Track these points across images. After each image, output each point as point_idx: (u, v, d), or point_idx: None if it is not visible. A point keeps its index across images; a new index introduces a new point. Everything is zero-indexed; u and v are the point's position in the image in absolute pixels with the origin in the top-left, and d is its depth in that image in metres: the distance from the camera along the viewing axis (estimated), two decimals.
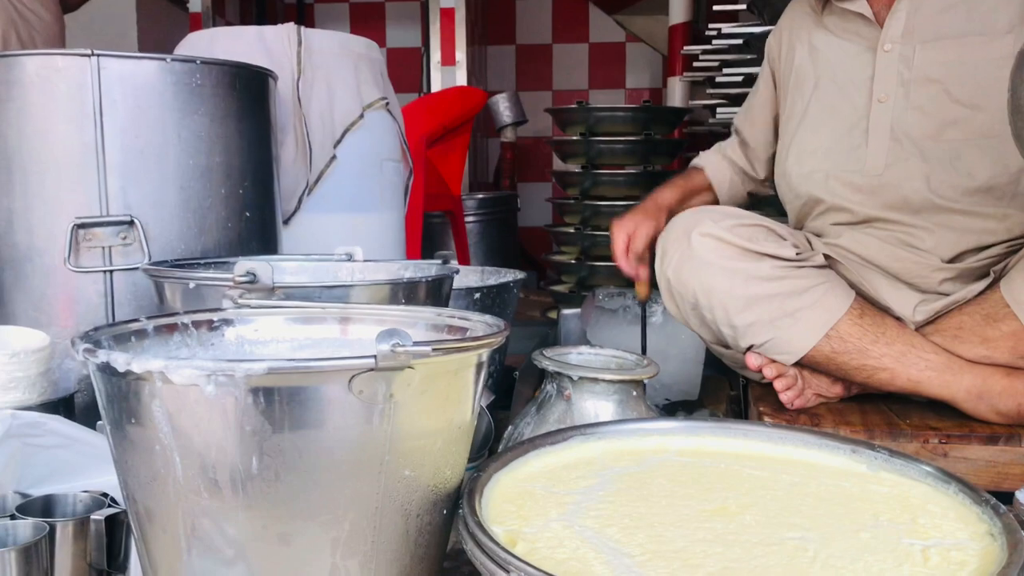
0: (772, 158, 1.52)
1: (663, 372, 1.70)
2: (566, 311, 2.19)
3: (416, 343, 0.64)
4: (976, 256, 1.26)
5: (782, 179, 1.42)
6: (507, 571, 0.64)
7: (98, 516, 0.94)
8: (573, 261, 2.70)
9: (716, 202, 1.59)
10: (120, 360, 0.62)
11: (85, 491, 0.99)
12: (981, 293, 1.23)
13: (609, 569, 0.66)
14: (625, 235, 1.46)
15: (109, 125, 1.24)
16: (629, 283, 1.91)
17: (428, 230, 2.81)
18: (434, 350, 0.65)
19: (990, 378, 1.18)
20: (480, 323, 0.84)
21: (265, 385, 0.62)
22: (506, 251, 3.43)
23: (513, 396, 1.56)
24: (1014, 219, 1.23)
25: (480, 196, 3.39)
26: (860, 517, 0.76)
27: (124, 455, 0.69)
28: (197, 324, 0.87)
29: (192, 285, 0.98)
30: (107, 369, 0.64)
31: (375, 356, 0.63)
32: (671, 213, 1.46)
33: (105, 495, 0.99)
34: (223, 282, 0.96)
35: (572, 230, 2.70)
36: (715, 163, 1.59)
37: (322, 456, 0.65)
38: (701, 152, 1.64)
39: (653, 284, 1.43)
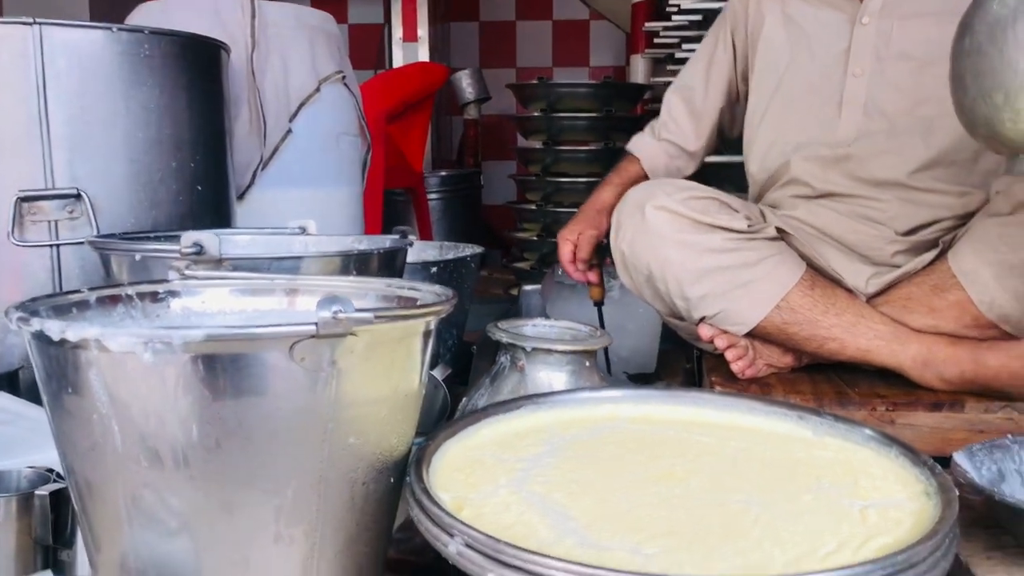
0: (716, 126, 1.53)
1: (621, 346, 1.72)
2: (527, 287, 2.20)
3: (358, 310, 0.63)
4: (929, 229, 1.28)
5: (750, 149, 1.42)
6: (451, 535, 0.65)
7: (43, 491, 0.93)
8: (535, 238, 2.70)
9: None
10: (54, 328, 0.61)
11: (30, 467, 0.97)
12: (930, 264, 1.25)
13: (554, 532, 0.66)
14: (570, 244, 1.50)
15: (53, 95, 1.21)
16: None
17: (390, 208, 2.80)
18: (376, 317, 0.65)
19: (935, 346, 1.20)
20: (429, 293, 0.84)
21: (204, 352, 0.61)
22: (470, 229, 3.42)
23: (471, 371, 1.57)
24: (972, 196, 1.26)
25: (443, 173, 3.37)
26: (803, 480, 0.77)
27: (62, 425, 0.67)
28: (141, 296, 0.85)
29: (138, 257, 0.97)
30: (42, 338, 0.63)
31: (316, 323, 0.62)
32: (611, 212, 1.48)
33: (51, 471, 0.97)
34: (169, 254, 0.94)
35: (534, 207, 2.70)
36: (649, 149, 1.58)
37: (264, 424, 0.64)
38: (634, 136, 1.64)
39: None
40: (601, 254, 1.54)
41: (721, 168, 1.87)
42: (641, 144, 1.60)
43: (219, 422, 0.63)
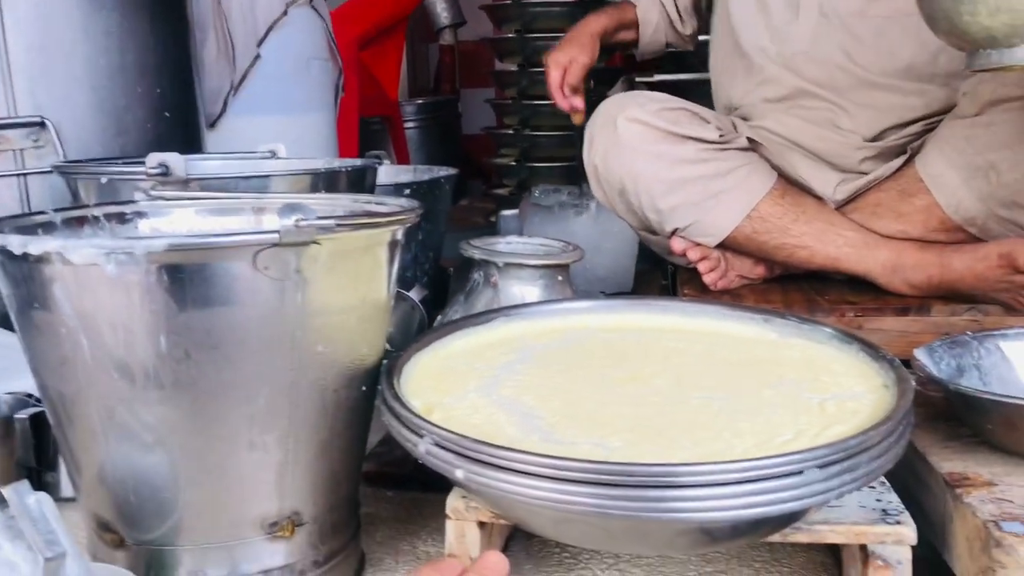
0: (698, 9, 1.52)
1: (598, 266, 1.73)
2: (505, 212, 2.20)
3: (320, 218, 0.64)
4: (896, 134, 1.28)
5: (718, 48, 1.41)
6: (420, 436, 0.66)
7: (22, 415, 0.94)
8: (513, 163, 2.68)
9: (638, 42, 1.58)
10: (15, 243, 0.62)
11: (9, 392, 0.98)
12: (898, 170, 1.26)
13: (520, 431, 0.68)
14: (560, 68, 1.47)
15: (10, 21, 1.18)
16: (567, 180, 1.92)
17: (366, 136, 2.76)
18: (339, 225, 0.65)
19: (903, 252, 1.22)
20: (395, 206, 0.84)
21: (167, 262, 0.62)
22: (449, 158, 3.37)
23: (448, 295, 1.58)
24: (933, 95, 1.25)
25: (420, 101, 3.33)
26: (766, 378, 0.79)
27: (32, 342, 0.68)
28: (108, 217, 0.85)
29: (104, 180, 0.97)
30: (4, 254, 0.63)
31: (279, 231, 0.63)
32: (602, 41, 1.47)
33: (30, 396, 0.98)
34: (136, 176, 0.94)
35: (511, 131, 2.67)
36: (647, 1, 1.56)
37: (232, 333, 0.65)
38: None
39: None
40: (587, 81, 1.52)
41: (691, 86, 1.86)
42: None
43: (187, 332, 0.64)
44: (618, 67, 2.81)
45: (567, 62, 1.46)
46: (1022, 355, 0.90)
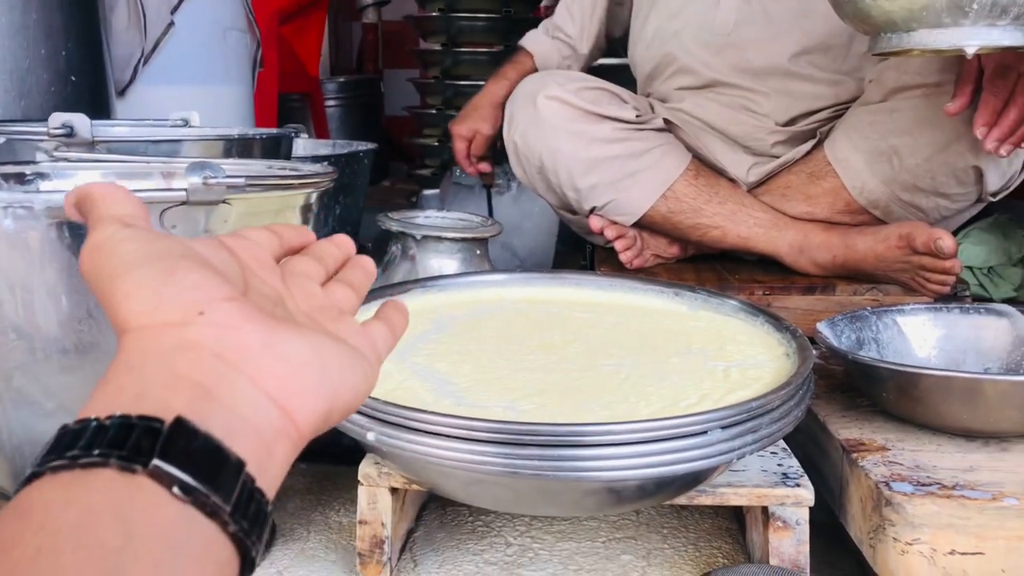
0: (603, 24, 1.55)
1: (518, 246, 1.74)
2: (426, 192, 2.19)
3: (229, 175, 0.62)
4: (807, 120, 1.32)
5: (636, 41, 1.43)
6: None
7: None
8: (436, 143, 2.67)
9: None
10: None
11: None
12: (807, 154, 1.30)
13: (433, 395, 0.69)
14: (465, 141, 1.54)
15: None
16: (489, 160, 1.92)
17: (285, 113, 2.71)
18: (249, 185, 0.64)
19: (810, 233, 1.26)
20: (309, 170, 0.83)
21: (68, 218, 0.60)
22: (371, 137, 3.34)
23: None
24: (844, 85, 1.30)
25: (341, 79, 3.28)
26: (674, 347, 0.81)
27: None
28: (6, 177, 0.82)
29: (2, 140, 0.93)
30: None
31: (186, 189, 0.61)
32: (504, 106, 1.51)
33: None
34: (38, 136, 0.90)
35: (434, 111, 2.66)
36: (542, 47, 1.59)
37: None
38: (529, 32, 1.63)
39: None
40: (494, 148, 1.58)
41: (611, 70, 1.88)
42: (534, 41, 1.60)
43: (88, 292, 0.62)
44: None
45: (471, 134, 1.54)
46: (917, 329, 0.95)
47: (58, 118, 0.88)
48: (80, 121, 0.89)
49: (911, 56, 0.93)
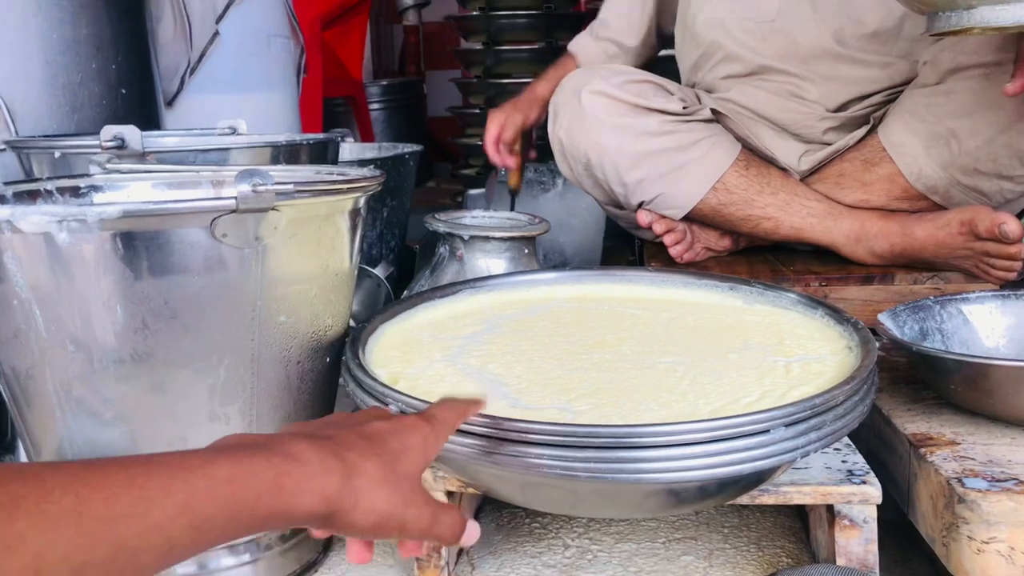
0: (653, 19, 1.52)
1: (565, 243, 1.73)
2: (472, 192, 2.19)
3: (278, 183, 0.62)
4: (859, 105, 1.29)
5: (682, 27, 1.41)
6: (386, 404, 0.65)
7: None
8: (479, 143, 2.66)
9: None
10: None
11: None
12: (861, 140, 1.26)
13: (487, 398, 0.68)
14: (497, 125, 1.52)
15: None
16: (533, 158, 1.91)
17: (330, 117, 2.73)
18: (298, 191, 0.64)
19: (867, 221, 1.22)
20: (357, 174, 0.83)
21: (122, 230, 0.60)
22: (415, 139, 3.35)
23: (414, 272, 1.57)
24: (896, 67, 1.26)
25: (384, 82, 3.29)
26: (731, 343, 0.79)
27: None
28: (62, 191, 0.83)
29: (58, 154, 0.94)
30: None
31: (236, 197, 0.61)
32: (545, 104, 1.50)
33: None
34: (90, 149, 0.92)
35: (477, 111, 2.66)
36: (587, 50, 1.57)
37: (190, 303, 0.64)
38: (577, 36, 1.61)
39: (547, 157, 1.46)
40: (526, 144, 1.57)
41: (656, 62, 1.85)
42: (579, 44, 1.58)
43: (144, 302, 0.62)
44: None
45: (504, 119, 1.52)
46: (984, 318, 0.91)
47: (109, 131, 0.90)
48: (131, 133, 0.90)
49: (970, 35, 0.89)
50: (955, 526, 0.66)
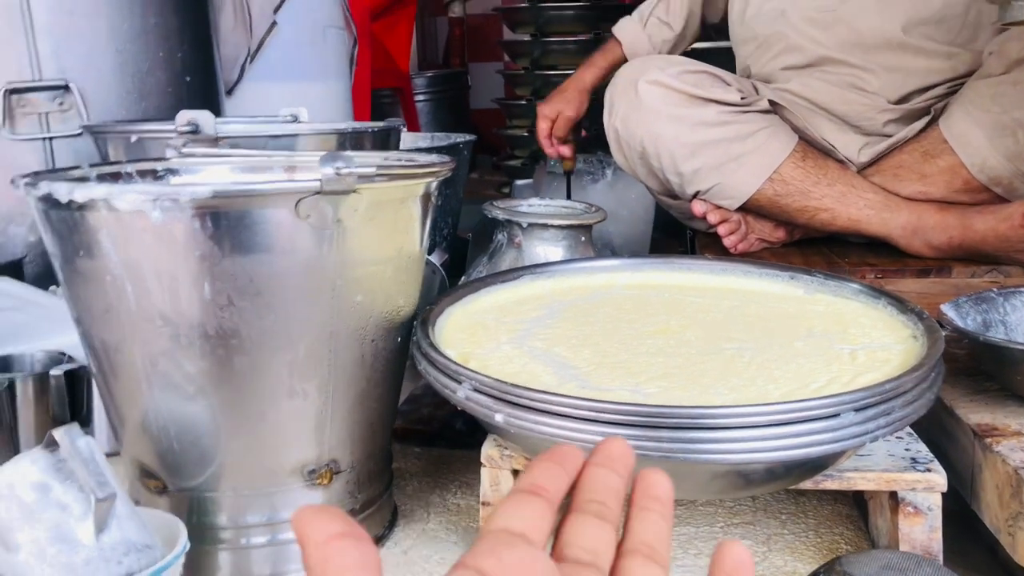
0: (700, 7, 1.53)
1: (615, 234, 1.74)
2: (519, 182, 2.20)
3: (361, 166, 0.64)
4: (921, 97, 1.28)
5: (739, 18, 1.41)
6: (459, 382, 0.67)
7: (57, 371, 0.96)
8: (525, 133, 2.68)
9: None
10: (61, 190, 0.62)
11: (42, 351, 1.00)
12: (921, 131, 1.26)
13: (556, 379, 0.69)
14: (548, 121, 1.57)
15: None
16: (580, 148, 1.93)
17: (377, 108, 2.76)
18: (379, 174, 0.66)
19: (924, 214, 1.22)
20: (427, 160, 0.85)
21: (211, 209, 0.63)
22: (460, 130, 3.37)
23: (467, 261, 1.59)
24: (960, 58, 1.25)
25: (429, 74, 3.32)
26: (795, 331, 0.80)
27: (76, 290, 0.69)
28: (142, 173, 0.86)
29: (134, 139, 0.97)
30: (49, 201, 0.64)
31: (320, 179, 0.63)
32: (592, 93, 1.56)
33: (63, 354, 1.00)
34: (166, 134, 0.94)
35: (524, 102, 2.67)
36: (632, 34, 1.58)
37: (274, 281, 0.66)
38: (621, 19, 1.62)
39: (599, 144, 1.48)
40: (577, 131, 1.62)
41: (707, 54, 1.85)
42: (625, 28, 1.59)
43: (230, 279, 0.65)
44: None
45: (554, 115, 1.56)
46: None
47: (185, 115, 0.92)
48: (205, 118, 0.92)
49: None
50: (1022, 515, 0.66)
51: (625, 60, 1.56)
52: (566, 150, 1.59)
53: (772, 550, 0.79)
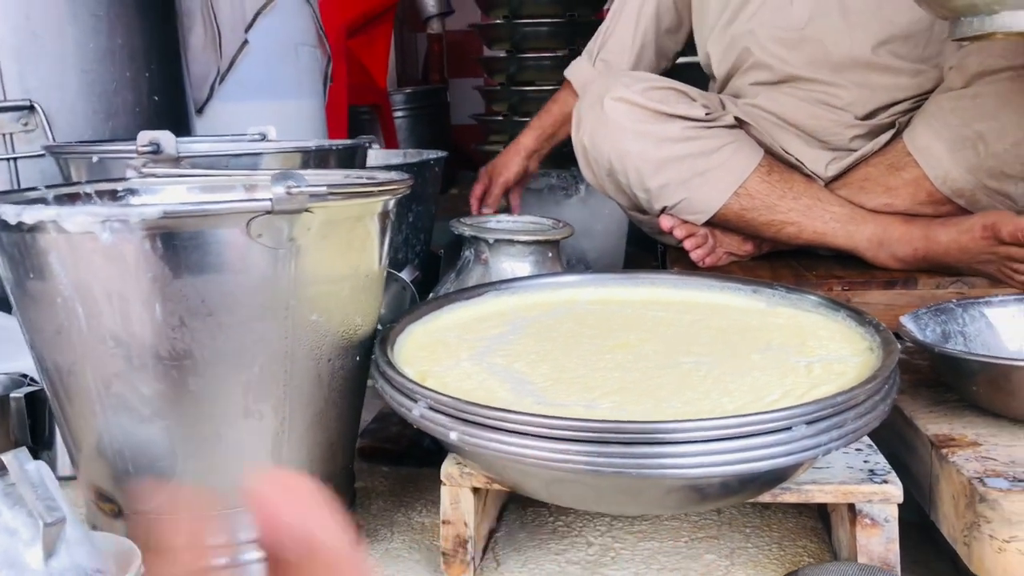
0: (654, 47, 1.54)
1: (588, 248, 1.74)
2: None
3: (312, 185, 0.64)
4: (887, 112, 1.29)
5: (707, 39, 1.42)
6: (415, 400, 0.67)
7: (17, 394, 0.95)
8: (502, 149, 2.68)
9: None
10: (10, 212, 0.62)
11: (3, 373, 0.99)
12: (886, 144, 1.27)
13: (513, 395, 0.69)
14: (483, 184, 1.64)
15: None
16: (555, 163, 1.94)
17: (355, 125, 2.76)
18: (331, 193, 0.66)
19: (889, 226, 1.23)
20: (386, 177, 0.85)
21: (161, 230, 0.62)
22: (439, 147, 3.37)
23: (439, 276, 1.59)
24: (926, 75, 1.27)
25: (408, 90, 3.32)
26: (754, 344, 0.80)
27: (27, 313, 0.69)
28: (100, 194, 0.86)
29: (95, 159, 0.97)
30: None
31: (271, 199, 0.63)
32: (535, 153, 1.62)
33: (25, 376, 0.99)
34: (126, 154, 0.94)
35: (501, 118, 2.68)
36: (583, 76, 1.59)
37: (226, 301, 0.66)
38: (574, 61, 1.63)
39: None
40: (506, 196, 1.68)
41: (677, 69, 1.86)
42: (577, 70, 1.60)
43: (182, 300, 0.65)
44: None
45: (488, 179, 1.65)
46: (1006, 322, 0.92)
47: (145, 136, 0.92)
48: (166, 138, 0.92)
49: (994, 40, 0.90)
50: (976, 525, 0.66)
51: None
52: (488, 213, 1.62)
53: (735, 564, 0.79)
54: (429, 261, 1.63)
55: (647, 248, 1.79)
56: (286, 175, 0.63)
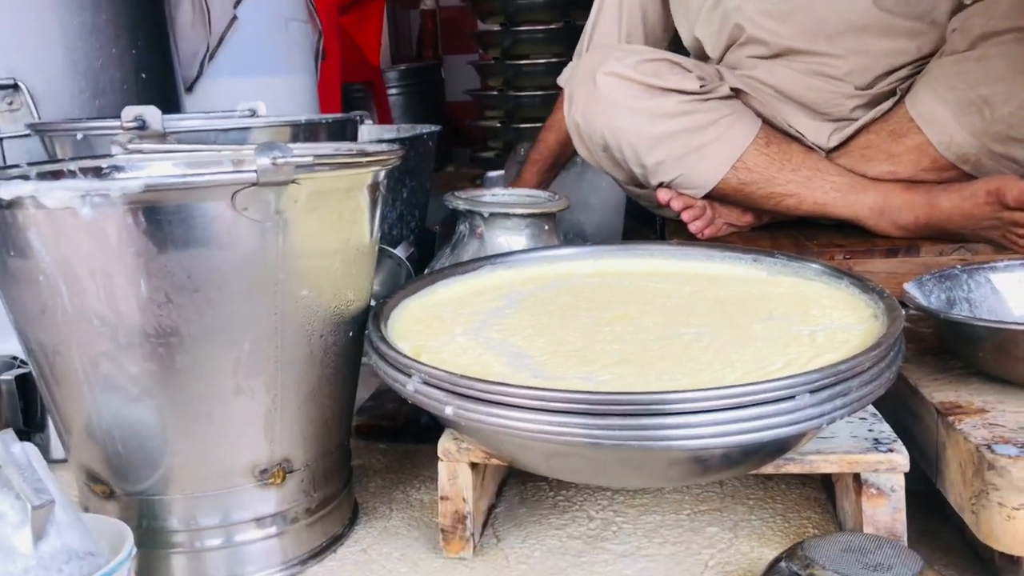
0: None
1: (586, 222, 1.72)
2: (490, 174, 2.18)
3: (297, 155, 0.62)
4: (887, 80, 1.27)
5: (695, 20, 1.38)
6: (409, 375, 0.66)
7: (8, 376, 0.93)
8: (498, 125, 2.66)
9: None
10: None
11: None
12: (888, 111, 1.24)
13: (510, 369, 0.68)
14: None
15: None
16: None
17: (349, 103, 2.73)
18: (317, 164, 0.64)
19: (891, 194, 1.21)
20: (376, 149, 0.83)
21: (144, 204, 0.61)
22: (433, 123, 3.35)
23: (435, 252, 1.57)
24: (925, 37, 1.24)
25: (402, 67, 3.29)
26: (756, 313, 0.78)
27: (10, 292, 0.67)
28: (85, 171, 0.84)
29: (80, 136, 0.95)
30: None
31: (256, 171, 0.61)
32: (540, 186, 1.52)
33: (15, 358, 0.97)
34: (112, 131, 0.92)
35: (496, 92, 2.65)
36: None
37: (213, 276, 0.64)
38: (566, 68, 1.56)
39: None
40: None
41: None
42: (566, 75, 1.55)
43: (167, 275, 0.63)
44: None
45: None
46: (1011, 287, 0.90)
47: (131, 111, 0.90)
48: (151, 113, 0.90)
49: None
50: (984, 493, 0.65)
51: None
52: None
53: (739, 536, 0.78)
54: (424, 238, 1.61)
55: (645, 221, 1.77)
56: (272, 146, 0.61)
